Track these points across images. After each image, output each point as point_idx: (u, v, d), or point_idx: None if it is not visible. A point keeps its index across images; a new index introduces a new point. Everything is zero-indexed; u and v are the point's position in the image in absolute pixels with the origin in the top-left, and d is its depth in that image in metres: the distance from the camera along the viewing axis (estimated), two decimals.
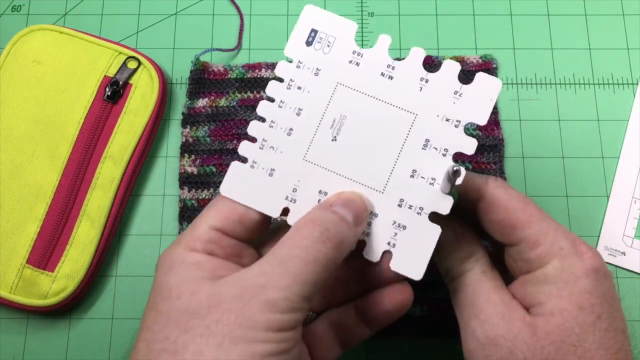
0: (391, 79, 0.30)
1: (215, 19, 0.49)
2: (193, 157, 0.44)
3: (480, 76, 0.30)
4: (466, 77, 0.30)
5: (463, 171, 0.27)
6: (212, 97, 0.46)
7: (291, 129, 0.30)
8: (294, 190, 0.30)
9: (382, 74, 0.30)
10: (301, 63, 0.30)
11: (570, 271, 0.27)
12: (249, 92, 0.46)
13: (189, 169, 0.44)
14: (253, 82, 0.46)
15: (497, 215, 0.29)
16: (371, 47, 0.31)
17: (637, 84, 0.47)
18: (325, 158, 0.30)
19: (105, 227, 0.41)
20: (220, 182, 0.43)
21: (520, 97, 0.47)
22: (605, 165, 0.45)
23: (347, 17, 0.48)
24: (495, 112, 0.45)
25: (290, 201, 0.29)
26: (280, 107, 0.30)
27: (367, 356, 0.41)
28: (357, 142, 0.30)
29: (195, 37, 0.48)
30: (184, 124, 0.45)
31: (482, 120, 0.29)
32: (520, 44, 0.48)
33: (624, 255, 0.43)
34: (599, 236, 0.43)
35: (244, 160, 0.30)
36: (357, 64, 0.30)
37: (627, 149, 0.45)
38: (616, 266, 0.43)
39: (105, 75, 0.44)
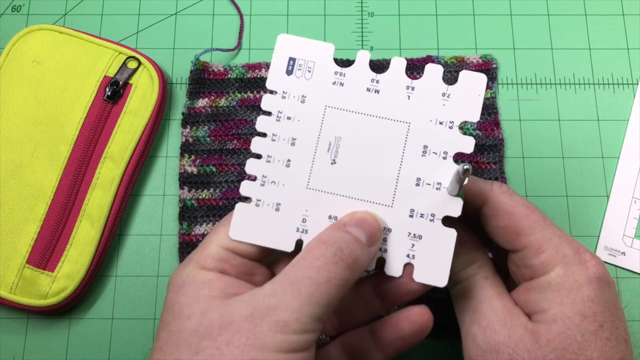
0: (377, 92, 0.30)
1: (215, 19, 0.49)
2: (193, 157, 0.44)
3: (464, 74, 0.30)
4: None
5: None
6: (212, 97, 0.46)
7: (289, 160, 0.30)
8: (304, 220, 0.29)
9: (368, 90, 0.30)
10: (286, 93, 0.30)
11: (574, 279, 0.27)
12: (249, 92, 0.46)
13: (189, 169, 0.44)
14: (253, 82, 0.46)
15: (501, 220, 0.29)
16: (353, 61, 0.30)
17: (637, 84, 0.47)
18: (328, 183, 0.30)
19: (105, 227, 0.41)
20: (220, 182, 0.44)
21: (520, 97, 0.47)
22: (605, 165, 0.45)
23: (347, 17, 0.49)
24: (495, 112, 0.45)
25: (302, 232, 0.29)
26: (273, 140, 0.30)
27: None
28: (356, 161, 0.30)
29: (195, 37, 0.48)
30: (184, 124, 0.45)
31: (475, 117, 0.29)
32: (520, 44, 0.48)
33: (624, 255, 0.43)
34: (599, 236, 0.43)
35: (247, 200, 0.30)
36: (341, 84, 0.30)
37: (627, 149, 0.45)
38: (616, 266, 0.43)
39: (105, 75, 0.44)
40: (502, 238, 0.30)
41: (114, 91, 0.44)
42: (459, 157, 0.30)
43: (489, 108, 0.45)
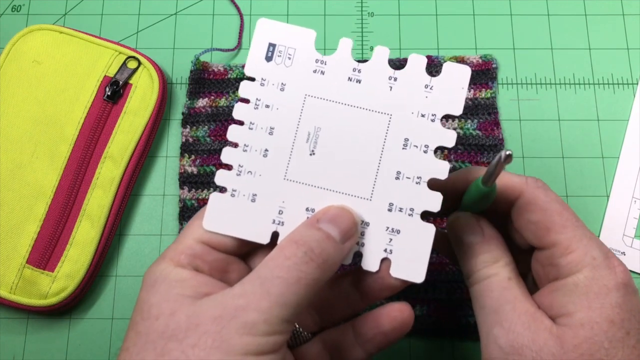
0: (359, 82, 0.29)
1: (215, 19, 0.49)
2: (193, 157, 0.44)
3: (448, 66, 0.29)
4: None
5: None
6: (212, 97, 0.46)
7: (266, 150, 0.29)
8: (280, 212, 0.29)
9: (350, 79, 0.29)
10: (264, 80, 0.29)
11: (602, 283, 0.27)
12: None
13: (189, 169, 0.44)
14: None
15: (534, 215, 0.28)
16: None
17: (637, 84, 0.47)
18: (306, 174, 0.29)
19: (105, 227, 0.41)
20: None
21: (520, 97, 0.47)
22: (605, 165, 0.45)
23: (347, 17, 0.49)
24: (495, 112, 0.45)
25: (278, 224, 0.29)
26: (250, 129, 0.29)
27: None
28: (336, 152, 0.29)
29: (195, 37, 0.48)
30: (184, 124, 0.45)
31: (457, 110, 0.29)
32: (520, 44, 0.48)
33: (624, 255, 0.43)
34: (599, 236, 0.43)
35: (222, 190, 0.29)
36: (322, 72, 0.29)
37: (627, 149, 0.45)
38: None
39: (105, 75, 0.44)
40: (532, 233, 0.29)
41: (114, 91, 0.44)
42: (458, 158, 0.29)
43: (489, 108, 0.45)
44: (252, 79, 0.30)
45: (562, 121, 0.46)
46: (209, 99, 0.46)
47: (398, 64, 0.46)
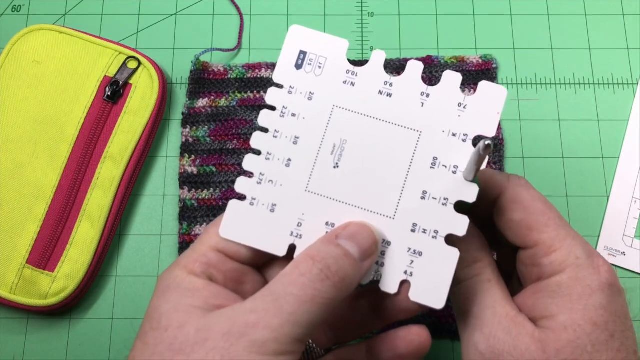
0: (390, 96, 0.28)
1: (215, 19, 0.49)
2: (193, 157, 0.44)
3: (483, 85, 0.28)
4: (466, 77, 0.29)
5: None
6: (212, 97, 0.46)
7: (289, 160, 0.28)
8: (299, 224, 0.28)
9: (380, 92, 0.28)
10: (292, 88, 0.29)
11: (586, 283, 0.26)
12: (249, 92, 0.46)
13: (189, 169, 0.44)
14: (253, 82, 0.46)
15: (515, 214, 0.28)
16: (366, 60, 0.29)
17: (637, 84, 0.47)
18: (328, 187, 0.28)
19: (105, 227, 0.41)
20: (220, 182, 0.44)
21: (520, 97, 0.47)
22: (605, 165, 0.45)
23: (347, 17, 0.49)
24: None
25: (296, 237, 0.28)
26: (275, 137, 0.28)
27: None
28: (361, 167, 0.28)
29: (195, 37, 0.48)
30: (184, 124, 0.45)
31: (491, 132, 0.28)
32: (520, 44, 0.48)
33: (624, 255, 0.43)
34: (599, 236, 0.43)
35: (242, 197, 0.28)
36: (352, 83, 0.29)
37: (627, 149, 0.45)
38: (616, 266, 0.43)
39: (105, 75, 0.44)
40: (514, 233, 0.28)
41: (114, 91, 0.44)
42: None
43: None
44: (280, 86, 0.29)
45: (562, 121, 0.46)
46: (209, 99, 0.46)
47: (398, 64, 0.46)
